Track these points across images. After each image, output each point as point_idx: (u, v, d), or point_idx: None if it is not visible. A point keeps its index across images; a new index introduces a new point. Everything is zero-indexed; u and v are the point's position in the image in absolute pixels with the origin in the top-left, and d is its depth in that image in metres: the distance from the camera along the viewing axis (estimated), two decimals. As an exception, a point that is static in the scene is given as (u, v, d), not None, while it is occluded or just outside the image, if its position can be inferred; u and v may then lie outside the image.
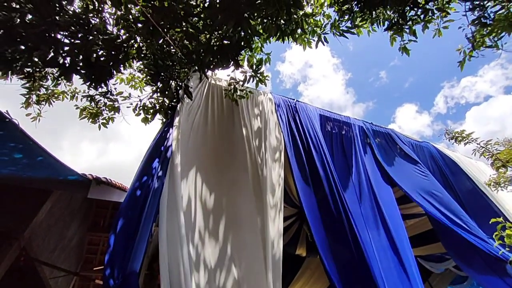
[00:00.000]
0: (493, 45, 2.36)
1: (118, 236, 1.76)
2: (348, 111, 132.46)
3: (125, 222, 1.83)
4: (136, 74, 4.12)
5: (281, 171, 2.70)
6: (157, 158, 2.20)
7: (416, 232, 5.14)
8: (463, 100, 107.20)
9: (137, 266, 1.50)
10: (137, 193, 1.99)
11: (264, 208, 2.30)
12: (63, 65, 2.33)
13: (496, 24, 2.25)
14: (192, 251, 1.93)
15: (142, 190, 2.01)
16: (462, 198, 3.81)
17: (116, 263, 1.60)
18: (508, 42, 2.37)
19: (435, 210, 3.23)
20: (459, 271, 6.19)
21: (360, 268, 2.28)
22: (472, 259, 3.13)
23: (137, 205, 1.89)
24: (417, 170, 3.79)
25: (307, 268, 6.30)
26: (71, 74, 2.30)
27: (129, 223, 1.80)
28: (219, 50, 2.53)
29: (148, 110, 2.89)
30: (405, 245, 2.73)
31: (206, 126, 2.74)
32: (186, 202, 2.18)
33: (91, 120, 3.47)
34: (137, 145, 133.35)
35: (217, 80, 3.37)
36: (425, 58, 56.01)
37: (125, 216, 1.85)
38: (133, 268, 1.47)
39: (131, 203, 1.93)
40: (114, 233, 1.76)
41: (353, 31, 2.83)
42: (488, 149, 3.40)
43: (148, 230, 1.68)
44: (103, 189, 3.44)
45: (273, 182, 2.51)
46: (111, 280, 1.50)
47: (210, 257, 1.98)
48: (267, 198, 2.33)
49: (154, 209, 1.80)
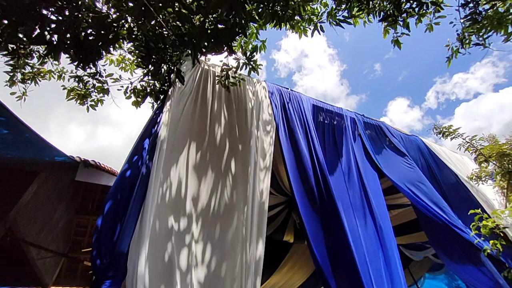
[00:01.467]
0: (481, 43, 2.40)
1: (106, 218, 1.77)
2: (341, 102, 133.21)
3: (113, 204, 1.83)
4: (126, 55, 4.00)
5: (272, 148, 2.75)
6: (147, 142, 2.19)
7: (400, 222, 5.35)
8: (454, 96, 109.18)
9: (125, 247, 1.52)
10: (127, 175, 1.99)
11: (253, 172, 2.36)
12: (50, 42, 2.23)
13: (485, 22, 2.29)
14: (177, 234, 1.97)
15: (131, 174, 2.01)
16: (445, 190, 3.96)
17: (103, 244, 1.62)
18: (498, 40, 2.41)
19: (419, 201, 3.37)
20: (437, 259, 6.53)
21: (344, 254, 2.37)
22: (451, 248, 3.29)
23: (125, 188, 1.90)
24: (404, 162, 3.91)
25: (294, 253, 6.51)
26: (59, 53, 2.22)
27: (117, 205, 1.81)
28: (213, 34, 2.48)
29: (138, 93, 2.83)
30: (389, 233, 2.84)
31: (197, 111, 2.71)
32: (176, 186, 2.19)
33: (79, 101, 3.37)
34: (127, 130, 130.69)
35: (210, 66, 3.31)
36: (420, 52, 56.21)
37: (113, 199, 1.85)
38: (121, 249, 1.49)
39: (120, 186, 1.93)
40: (102, 215, 1.77)
41: (350, 21, 2.81)
42: (473, 144, 3.52)
43: (137, 213, 1.69)
44: (92, 172, 3.41)
45: (265, 152, 2.56)
46: (98, 261, 1.52)
47: (196, 238, 2.02)
48: (257, 164, 2.39)
49: (142, 192, 1.80)
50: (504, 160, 3.16)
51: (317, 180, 2.80)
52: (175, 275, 1.77)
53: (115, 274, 1.40)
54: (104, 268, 1.44)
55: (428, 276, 7.15)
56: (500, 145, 3.25)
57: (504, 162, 3.16)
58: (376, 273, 2.40)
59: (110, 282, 1.36)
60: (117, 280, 1.39)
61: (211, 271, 1.93)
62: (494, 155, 3.23)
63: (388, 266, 2.54)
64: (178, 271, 1.81)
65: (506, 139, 3.34)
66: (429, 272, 7.08)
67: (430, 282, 7.13)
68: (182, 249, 1.92)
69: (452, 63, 2.85)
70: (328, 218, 2.58)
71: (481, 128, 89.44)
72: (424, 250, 6.13)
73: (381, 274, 2.45)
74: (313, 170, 2.89)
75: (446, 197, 3.84)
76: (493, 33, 2.34)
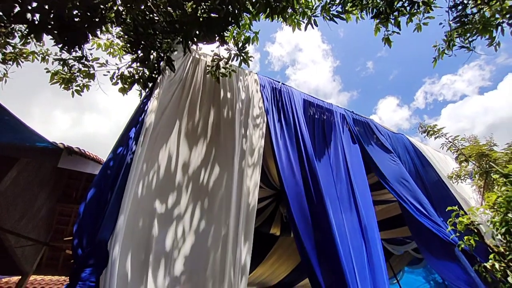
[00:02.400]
0: (466, 45, 2.46)
1: (88, 205, 1.73)
2: (333, 98, 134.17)
3: (96, 192, 1.80)
4: (115, 40, 3.86)
5: (261, 141, 2.76)
6: (133, 130, 2.14)
7: (383, 217, 5.53)
8: (441, 97, 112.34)
9: (107, 235, 1.49)
10: (111, 164, 1.95)
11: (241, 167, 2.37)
12: (32, 22, 2.12)
13: (472, 25, 2.35)
14: (160, 221, 1.96)
15: (116, 162, 1.97)
16: (429, 187, 4.11)
17: (85, 233, 1.59)
18: (484, 44, 2.48)
19: (402, 197, 3.48)
20: (416, 254, 6.81)
21: (329, 248, 2.42)
22: (431, 243, 3.42)
23: (110, 175, 1.86)
24: (390, 159, 4.01)
25: (280, 246, 6.62)
26: (41, 33, 2.11)
27: (100, 193, 1.78)
28: (205, 23, 2.42)
29: (126, 80, 2.74)
30: (374, 228, 2.92)
31: (186, 100, 2.67)
32: (163, 173, 2.17)
33: (63, 86, 3.24)
34: (115, 118, 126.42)
35: (202, 55, 3.25)
36: (411, 52, 57.13)
37: (97, 186, 1.82)
38: (102, 237, 1.47)
39: (104, 175, 1.89)
40: (85, 203, 1.73)
41: (343, 16, 2.81)
42: (455, 144, 3.65)
43: (120, 201, 1.66)
44: (76, 160, 3.31)
45: (253, 147, 2.56)
46: (80, 250, 1.49)
47: (178, 228, 2.01)
48: (246, 159, 2.40)
49: (126, 180, 1.77)
50: (483, 161, 3.30)
51: (305, 175, 2.84)
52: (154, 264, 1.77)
53: (96, 262, 1.38)
54: (85, 257, 1.42)
55: (407, 270, 7.46)
56: (480, 146, 3.38)
57: (483, 162, 3.30)
58: (359, 266, 2.47)
59: (91, 270, 1.34)
60: (98, 268, 1.37)
61: (191, 263, 1.94)
62: (474, 155, 3.36)
63: (371, 261, 2.62)
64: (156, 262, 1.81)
65: (486, 140, 3.48)
66: (408, 266, 7.39)
67: (408, 276, 7.44)
68: (165, 236, 1.91)
69: (442, 64, 2.92)
70: (316, 212, 2.62)
71: (465, 129, 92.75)
72: (404, 245, 6.37)
73: (364, 266, 2.53)
74: (302, 164, 2.92)
75: (429, 194, 3.99)
76: (477, 36, 2.41)
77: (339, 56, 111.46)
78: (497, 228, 2.18)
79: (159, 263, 1.84)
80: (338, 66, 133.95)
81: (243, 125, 2.79)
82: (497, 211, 2.26)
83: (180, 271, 1.87)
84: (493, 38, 2.43)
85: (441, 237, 3.20)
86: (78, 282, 1.31)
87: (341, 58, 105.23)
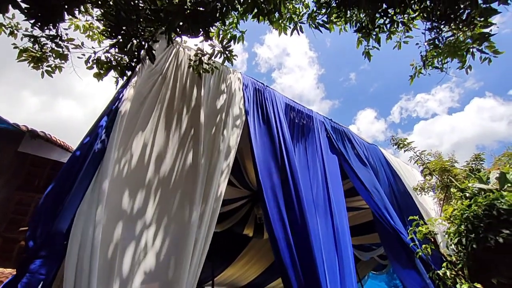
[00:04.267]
0: (440, 67, 2.63)
1: (48, 195, 1.64)
2: (315, 105, 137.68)
3: (59, 181, 1.69)
4: (95, 23, 3.67)
5: (237, 142, 2.75)
6: (105, 119, 2.04)
7: (353, 224, 5.73)
8: (415, 113, 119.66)
9: (64, 226, 1.40)
10: (77, 153, 1.85)
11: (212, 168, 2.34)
12: (-2, -9, 1.96)
13: (445, 48, 2.51)
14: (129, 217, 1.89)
15: (84, 150, 1.87)
16: (398, 197, 4.33)
17: (41, 223, 1.48)
18: (457, 67, 2.65)
19: (374, 205, 3.64)
20: (381, 260, 7.13)
21: (303, 249, 2.46)
22: (397, 250, 3.61)
23: (75, 166, 1.76)
24: (364, 168, 4.18)
25: (252, 247, 6.63)
26: (6, 5, 1.95)
27: (63, 183, 1.67)
28: (190, 15, 2.38)
29: (102, 65, 2.62)
30: (346, 233, 3.03)
31: (165, 92, 2.59)
32: (134, 166, 2.09)
33: (32, 64, 3.02)
34: (91, 105, 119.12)
35: (186, 49, 3.19)
36: (391, 68, 60.31)
37: (61, 175, 1.71)
38: (58, 229, 1.37)
39: (70, 163, 1.79)
40: (46, 193, 1.63)
41: (328, 26, 2.90)
42: (422, 158, 3.88)
43: (82, 191, 1.57)
44: (41, 145, 3.11)
45: (230, 146, 2.54)
46: (32, 241, 1.39)
47: (149, 222, 1.95)
48: (220, 160, 2.40)
49: (92, 169, 1.68)
50: (445, 175, 3.54)
51: (285, 177, 2.87)
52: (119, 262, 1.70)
53: (48, 254, 1.29)
54: (38, 247, 1.32)
55: (371, 275, 7.80)
56: (443, 161, 3.63)
57: (444, 177, 3.54)
58: (330, 269, 2.55)
59: (41, 262, 1.25)
60: (51, 261, 1.28)
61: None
62: (437, 169, 3.60)
63: (341, 263, 2.71)
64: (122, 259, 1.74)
65: (449, 156, 3.75)
66: (372, 272, 7.73)
67: (372, 281, 7.79)
68: (134, 232, 1.84)
69: (417, 83, 3.11)
70: (293, 214, 2.66)
71: (434, 145, 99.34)
72: (371, 251, 6.66)
73: (335, 269, 2.61)
74: (282, 166, 2.95)
75: (398, 203, 4.21)
76: (449, 59, 2.58)
77: (325, 64, 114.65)
78: (451, 239, 2.34)
79: (124, 259, 1.77)
80: (323, 74, 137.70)
81: (222, 123, 2.77)
82: (453, 223, 2.43)
83: (147, 270, 1.81)
84: (464, 61, 2.60)
85: (404, 245, 3.39)
86: (26, 274, 1.22)
87: (326, 67, 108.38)
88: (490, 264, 2.09)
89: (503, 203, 2.03)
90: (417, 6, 2.48)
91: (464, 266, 2.26)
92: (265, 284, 7.82)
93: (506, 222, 1.99)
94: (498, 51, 2.39)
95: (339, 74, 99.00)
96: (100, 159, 1.76)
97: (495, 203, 2.07)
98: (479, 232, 2.08)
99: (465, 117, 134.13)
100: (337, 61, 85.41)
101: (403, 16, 2.73)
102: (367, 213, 5.73)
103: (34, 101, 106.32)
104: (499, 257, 2.03)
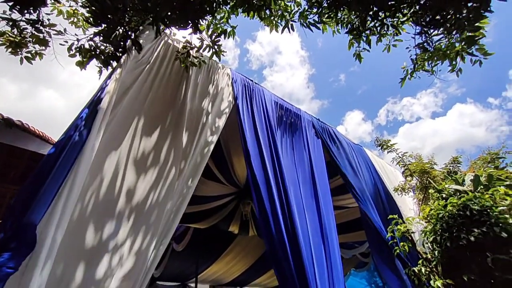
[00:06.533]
0: (430, 69, 2.69)
1: (23, 188, 1.58)
2: (305, 105, 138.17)
3: (37, 172, 1.63)
4: (80, 10, 3.53)
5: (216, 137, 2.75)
6: (86, 111, 1.97)
7: (337, 222, 5.86)
8: (401, 116, 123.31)
9: (37, 219, 1.34)
10: (57, 145, 1.78)
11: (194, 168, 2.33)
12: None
13: (434, 52, 2.58)
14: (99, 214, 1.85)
15: (63, 142, 1.80)
16: (383, 196, 4.46)
17: (13, 215, 1.42)
18: (444, 72, 2.72)
19: (362, 202, 3.74)
20: (362, 258, 7.33)
21: (292, 244, 2.48)
22: (380, 247, 3.73)
23: (52, 158, 1.69)
24: (350, 167, 4.27)
25: (237, 244, 6.64)
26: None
27: (39, 176, 1.61)
28: (179, 6, 2.32)
29: (85, 53, 2.52)
30: (332, 228, 3.09)
31: (151, 84, 2.53)
32: (114, 160, 2.04)
33: (10, 49, 2.87)
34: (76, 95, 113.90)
35: (174, 41, 3.12)
36: (380, 71, 61.60)
37: (40, 167, 1.65)
38: (30, 220, 1.31)
39: (49, 156, 1.72)
40: (24, 184, 1.57)
41: (319, 26, 2.91)
42: (403, 159, 4.00)
43: (58, 183, 1.52)
44: (17, 134, 2.97)
45: (208, 141, 2.55)
46: (3, 232, 1.33)
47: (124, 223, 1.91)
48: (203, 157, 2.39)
49: (69, 162, 1.62)
50: (424, 177, 3.67)
51: (275, 173, 2.89)
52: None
53: (18, 246, 1.23)
54: (6, 240, 1.26)
55: (352, 273, 8.01)
56: (423, 163, 3.76)
57: (424, 178, 3.68)
58: (319, 263, 2.61)
59: (10, 255, 1.19)
60: (20, 252, 1.23)
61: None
62: (417, 171, 3.72)
63: (329, 258, 2.77)
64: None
65: (429, 159, 3.89)
66: (354, 269, 7.94)
67: (353, 278, 8.01)
68: (105, 230, 1.80)
69: (404, 87, 3.13)
70: (283, 210, 2.67)
71: (417, 148, 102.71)
72: (353, 249, 6.83)
73: (323, 264, 2.67)
74: (272, 162, 2.97)
75: (383, 202, 4.33)
76: (439, 62, 2.63)
77: (315, 64, 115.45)
78: (427, 237, 2.44)
79: (97, 255, 1.73)
80: (313, 74, 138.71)
81: (209, 118, 2.74)
82: (429, 222, 2.53)
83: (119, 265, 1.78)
84: (454, 65, 2.67)
85: (385, 243, 3.50)
86: (-7, 268, 1.16)
87: (317, 66, 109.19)
88: (462, 262, 2.19)
89: (476, 203, 2.13)
90: (407, 10, 2.53)
91: (438, 263, 2.36)
92: (249, 281, 7.87)
93: (477, 222, 2.09)
94: (488, 52, 2.41)
95: (329, 74, 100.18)
96: (79, 152, 1.70)
97: (469, 204, 2.17)
98: (453, 231, 2.18)
99: (447, 121, 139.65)
100: (328, 62, 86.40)
101: (392, 20, 2.78)
102: (350, 212, 5.86)
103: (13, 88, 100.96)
104: (470, 255, 2.14)
